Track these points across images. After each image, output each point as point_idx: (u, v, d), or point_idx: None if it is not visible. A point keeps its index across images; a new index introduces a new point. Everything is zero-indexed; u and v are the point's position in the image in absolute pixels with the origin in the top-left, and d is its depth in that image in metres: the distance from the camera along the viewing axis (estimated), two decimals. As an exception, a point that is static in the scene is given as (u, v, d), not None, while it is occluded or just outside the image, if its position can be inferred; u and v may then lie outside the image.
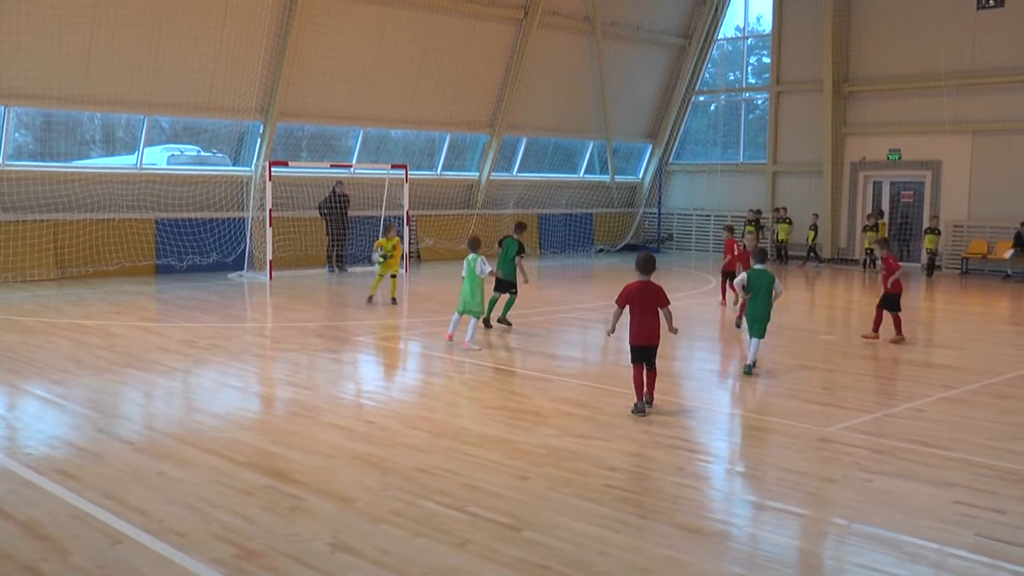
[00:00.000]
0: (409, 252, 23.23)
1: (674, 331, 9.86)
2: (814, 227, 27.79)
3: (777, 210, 29.04)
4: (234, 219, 22.77)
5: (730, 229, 19.32)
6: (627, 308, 9.50)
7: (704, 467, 8.16)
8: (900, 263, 14.67)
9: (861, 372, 12.40)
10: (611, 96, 30.07)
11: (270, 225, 21.33)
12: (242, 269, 22.27)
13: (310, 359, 12.49)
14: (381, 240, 17.38)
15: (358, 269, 23.14)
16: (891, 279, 14.13)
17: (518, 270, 14.97)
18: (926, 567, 5.97)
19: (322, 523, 6.45)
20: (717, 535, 6.46)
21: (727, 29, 31.96)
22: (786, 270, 26.34)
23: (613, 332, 10.04)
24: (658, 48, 31.01)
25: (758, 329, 11.85)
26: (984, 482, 7.59)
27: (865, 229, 26.69)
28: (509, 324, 14.97)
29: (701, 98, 32.61)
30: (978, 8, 25.46)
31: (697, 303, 18.97)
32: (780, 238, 28.31)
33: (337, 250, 23.28)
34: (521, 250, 15.06)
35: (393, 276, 17.46)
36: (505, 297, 15.05)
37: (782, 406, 10.33)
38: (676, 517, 6.71)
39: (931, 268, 25.14)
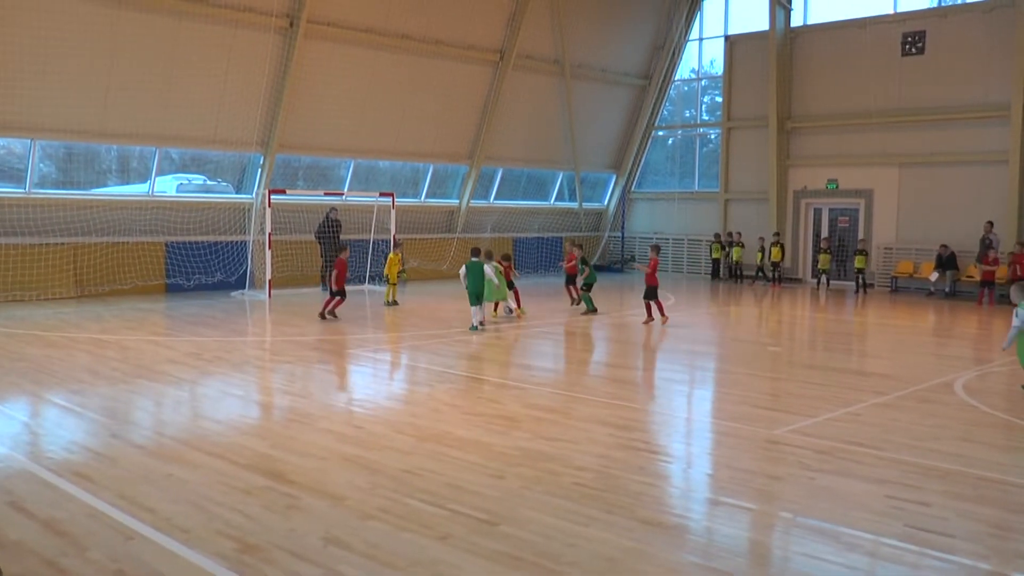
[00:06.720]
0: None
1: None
2: (762, 249, 27.98)
3: (730, 234, 29.24)
4: (237, 242, 22.65)
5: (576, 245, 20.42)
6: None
7: (663, 467, 8.16)
8: (832, 281, 14.86)
9: (804, 380, 12.46)
10: (579, 131, 30.16)
11: (269, 247, 21.24)
12: (244, 288, 22.14)
13: (305, 370, 12.42)
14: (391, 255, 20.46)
15: (350, 288, 22.98)
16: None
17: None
18: (861, 555, 5.99)
19: (316, 520, 6.41)
20: (676, 528, 6.46)
21: (683, 71, 32.16)
22: (740, 288, 26.53)
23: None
24: (621, 88, 31.18)
25: (474, 301, 16.04)
26: (911, 478, 7.64)
27: (819, 251, 26.91)
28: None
29: (660, 133, 32.76)
30: (902, 55, 25.87)
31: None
32: (734, 259, 28.58)
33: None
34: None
35: (392, 283, 20.25)
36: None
37: (733, 411, 10.36)
38: (638, 512, 6.70)
39: (861, 286, 25.36)
